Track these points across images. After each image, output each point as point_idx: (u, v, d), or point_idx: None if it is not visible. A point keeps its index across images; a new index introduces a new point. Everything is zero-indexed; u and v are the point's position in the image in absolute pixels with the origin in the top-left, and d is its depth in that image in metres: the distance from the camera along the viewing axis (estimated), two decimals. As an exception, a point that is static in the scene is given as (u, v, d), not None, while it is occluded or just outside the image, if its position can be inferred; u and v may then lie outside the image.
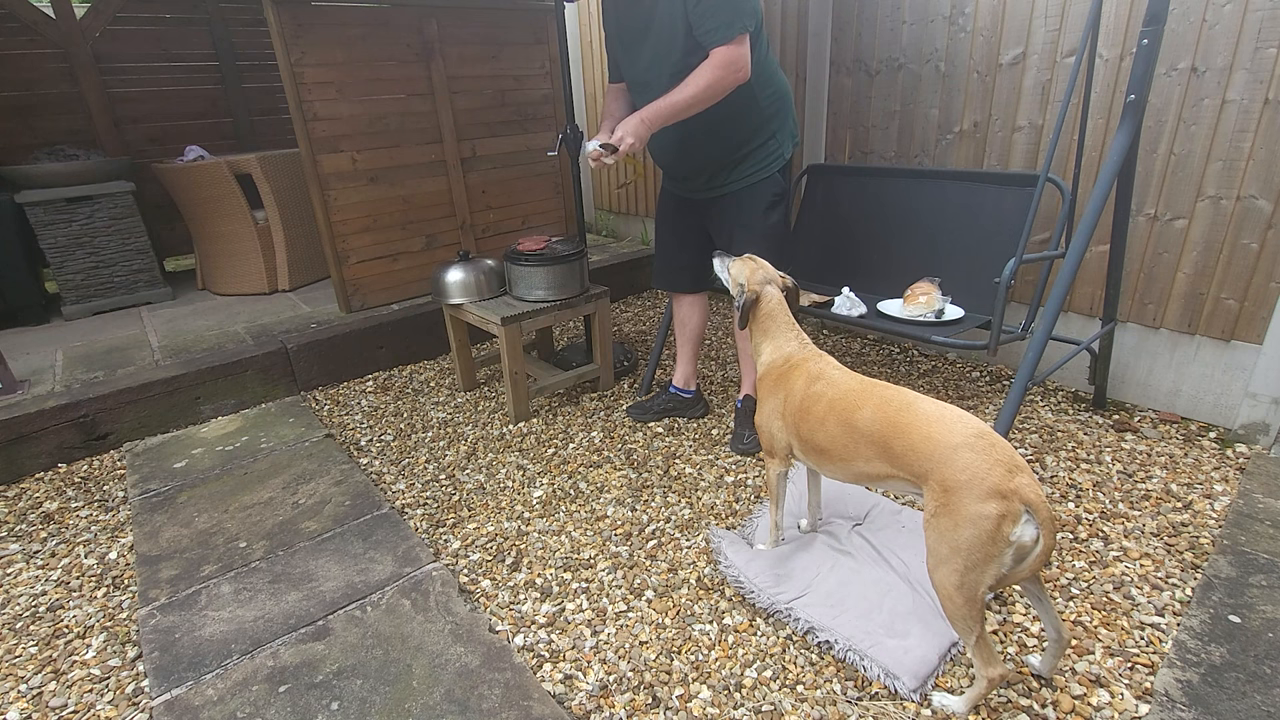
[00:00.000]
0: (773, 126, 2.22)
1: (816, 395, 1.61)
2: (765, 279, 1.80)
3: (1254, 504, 2.02)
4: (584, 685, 1.56)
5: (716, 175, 2.28)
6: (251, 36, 4.61)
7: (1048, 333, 2.03)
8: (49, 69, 4.06)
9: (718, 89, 1.96)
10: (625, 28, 2.18)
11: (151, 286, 3.94)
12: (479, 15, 3.62)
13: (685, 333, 2.67)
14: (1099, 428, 2.54)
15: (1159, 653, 1.56)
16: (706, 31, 1.92)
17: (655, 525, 2.12)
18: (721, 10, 1.89)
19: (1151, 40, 1.94)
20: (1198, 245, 2.41)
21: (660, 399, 2.75)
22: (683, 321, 2.67)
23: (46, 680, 1.66)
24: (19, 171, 3.55)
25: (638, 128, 2.00)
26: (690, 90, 1.95)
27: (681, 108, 1.98)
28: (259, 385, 3.04)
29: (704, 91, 1.95)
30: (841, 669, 1.57)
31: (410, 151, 3.53)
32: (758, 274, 1.81)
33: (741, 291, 1.81)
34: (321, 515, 2.19)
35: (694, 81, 1.95)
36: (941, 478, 1.29)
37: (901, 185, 2.81)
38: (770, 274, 1.82)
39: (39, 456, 2.59)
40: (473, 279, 2.85)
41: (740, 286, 1.82)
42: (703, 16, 1.91)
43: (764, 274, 1.81)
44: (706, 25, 1.92)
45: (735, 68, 1.94)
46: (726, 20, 1.89)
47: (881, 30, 3.05)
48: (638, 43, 2.14)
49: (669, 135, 2.12)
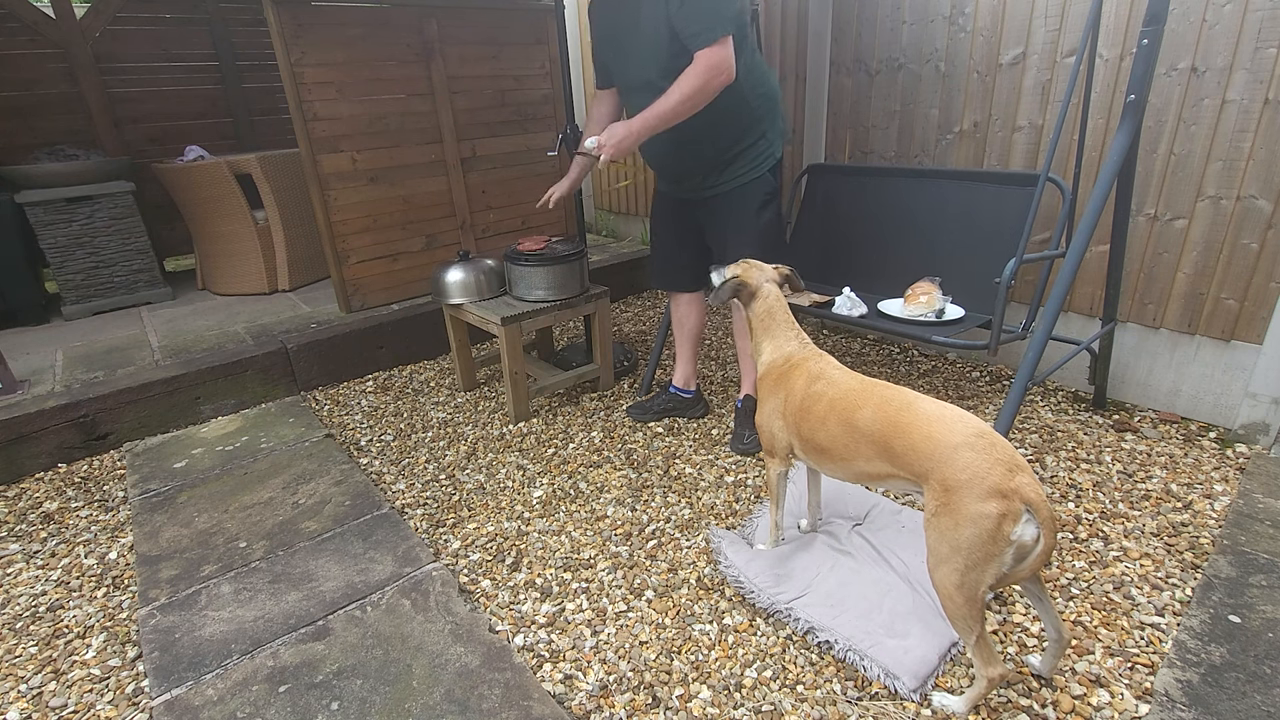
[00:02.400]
0: (763, 126, 2.23)
1: (817, 395, 1.61)
2: (764, 277, 1.81)
3: (1254, 504, 2.02)
4: (584, 685, 1.56)
5: (709, 176, 2.29)
6: (251, 36, 4.61)
7: (1048, 333, 2.03)
8: (49, 69, 4.06)
9: (705, 92, 1.97)
10: (613, 33, 2.19)
11: (151, 286, 3.94)
12: (479, 15, 3.62)
13: (684, 332, 2.68)
14: (1099, 428, 2.54)
15: (1159, 653, 1.56)
16: (690, 35, 1.93)
17: (655, 525, 2.12)
18: (703, 14, 1.90)
19: (1151, 40, 1.94)
20: (1198, 245, 2.41)
21: (660, 399, 2.75)
22: (680, 321, 2.68)
23: (46, 680, 1.66)
24: (19, 171, 3.55)
25: (623, 138, 2.02)
26: (677, 96, 1.96)
27: (670, 114, 1.99)
28: (259, 385, 3.04)
29: (691, 96, 1.96)
30: (841, 669, 1.57)
31: (410, 151, 3.53)
32: (752, 272, 1.82)
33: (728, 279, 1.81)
34: (321, 515, 2.19)
35: (680, 87, 1.95)
36: (942, 477, 1.29)
37: (902, 185, 2.81)
38: (768, 273, 1.83)
39: (39, 456, 2.58)
40: (473, 279, 2.84)
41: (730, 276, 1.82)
42: (685, 21, 1.92)
43: (760, 274, 1.82)
44: (689, 29, 1.93)
45: (720, 70, 1.94)
46: (708, 24, 1.90)
47: (881, 30, 3.05)
48: (627, 45, 2.14)
49: (661, 138, 2.12)
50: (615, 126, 2.04)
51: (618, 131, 2.03)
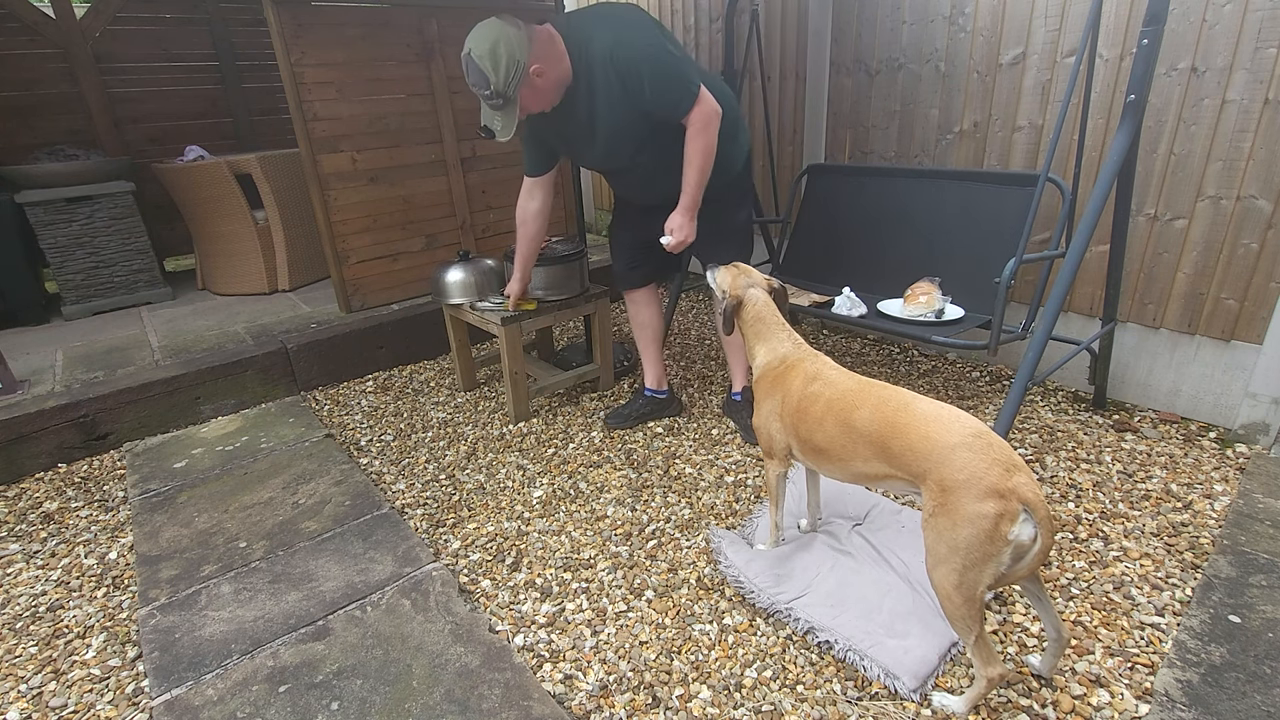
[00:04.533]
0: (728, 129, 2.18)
1: (814, 395, 1.61)
2: (748, 284, 1.82)
3: (1254, 504, 2.02)
4: (584, 685, 1.56)
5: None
6: (251, 36, 4.61)
7: (1048, 333, 2.03)
8: (49, 69, 4.06)
9: (714, 140, 2.09)
10: (567, 136, 2.21)
11: (151, 286, 3.95)
12: (479, 15, 3.60)
13: (648, 333, 2.68)
14: (1099, 428, 2.54)
15: (1159, 653, 1.56)
16: (673, 109, 2.03)
17: (655, 525, 2.12)
18: (674, 88, 2.01)
19: (1151, 40, 1.94)
20: (1198, 245, 2.41)
21: (637, 403, 2.74)
22: (643, 323, 2.67)
23: (46, 680, 1.66)
24: (19, 171, 3.55)
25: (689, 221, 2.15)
26: (700, 159, 2.08)
27: (702, 178, 2.12)
28: (259, 385, 3.04)
29: (709, 150, 2.09)
30: (841, 669, 1.57)
31: (410, 151, 3.53)
32: (739, 279, 1.84)
33: (724, 298, 1.84)
34: (321, 515, 2.19)
35: (695, 154, 2.07)
36: (940, 477, 1.29)
37: (902, 185, 2.81)
38: (754, 278, 1.84)
39: (39, 456, 2.59)
40: (473, 279, 2.84)
41: (723, 293, 1.86)
42: (662, 103, 2.03)
43: (746, 279, 1.84)
44: (669, 106, 2.03)
45: (713, 117, 2.06)
46: (682, 92, 2.01)
47: (881, 30, 3.05)
48: (585, 144, 2.20)
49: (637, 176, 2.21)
50: (676, 217, 2.14)
51: (683, 221, 2.14)
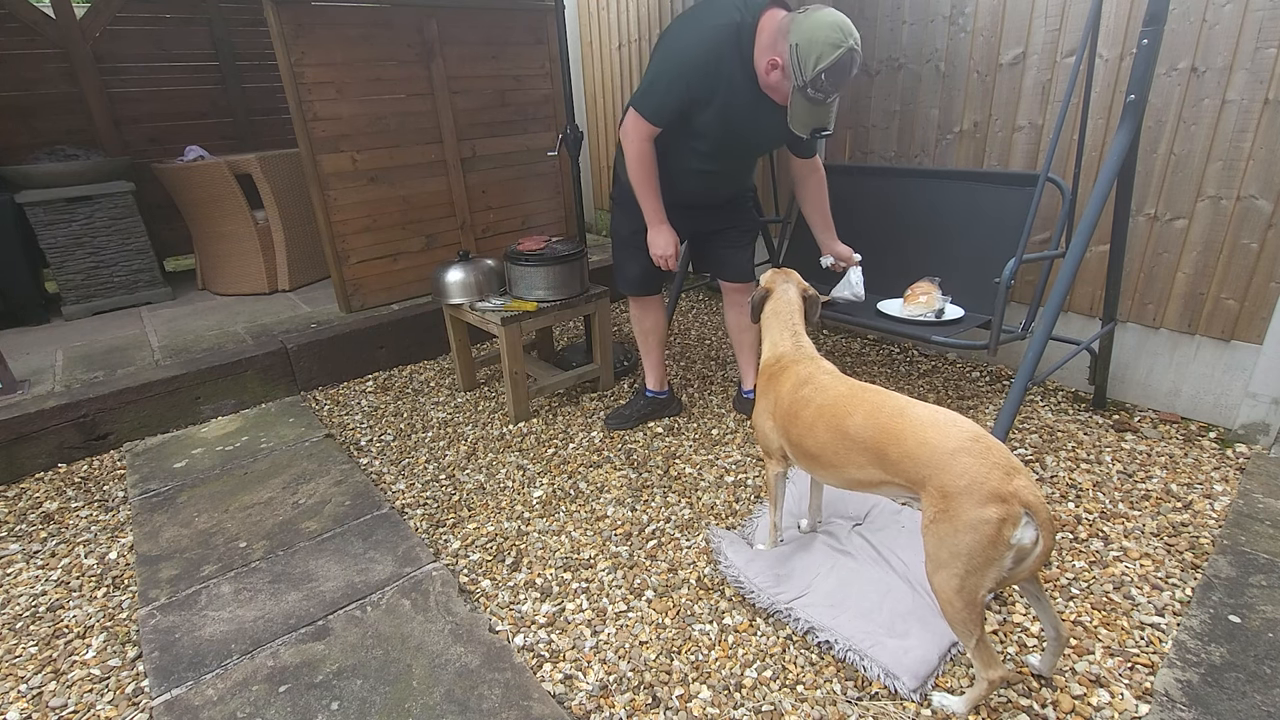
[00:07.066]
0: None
1: (804, 400, 1.61)
2: (785, 281, 1.86)
3: (1254, 504, 2.02)
4: (584, 685, 1.56)
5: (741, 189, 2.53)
6: (251, 36, 4.61)
7: (1048, 333, 2.03)
8: (49, 69, 4.06)
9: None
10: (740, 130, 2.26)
11: (151, 286, 3.94)
12: (479, 15, 3.62)
13: (654, 338, 2.69)
14: (1099, 428, 2.54)
15: (1159, 653, 1.56)
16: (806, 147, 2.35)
17: (655, 525, 2.12)
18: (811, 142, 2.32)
19: (1151, 40, 1.94)
20: (1198, 245, 2.41)
21: (638, 404, 2.75)
22: (650, 329, 2.68)
23: (46, 680, 1.66)
24: (19, 171, 3.55)
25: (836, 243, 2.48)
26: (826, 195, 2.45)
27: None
28: (259, 385, 3.04)
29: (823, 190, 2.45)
30: (841, 669, 1.57)
31: (410, 151, 3.53)
32: (778, 277, 1.88)
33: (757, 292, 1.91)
34: (321, 515, 2.19)
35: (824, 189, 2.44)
36: (940, 484, 1.28)
37: (901, 185, 2.81)
38: (793, 279, 1.88)
39: (39, 456, 2.59)
40: (473, 279, 2.84)
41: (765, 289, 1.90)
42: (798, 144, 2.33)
43: (784, 277, 1.88)
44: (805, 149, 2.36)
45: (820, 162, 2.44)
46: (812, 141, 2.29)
47: (881, 30, 3.05)
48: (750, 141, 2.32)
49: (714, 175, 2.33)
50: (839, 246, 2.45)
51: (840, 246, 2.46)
